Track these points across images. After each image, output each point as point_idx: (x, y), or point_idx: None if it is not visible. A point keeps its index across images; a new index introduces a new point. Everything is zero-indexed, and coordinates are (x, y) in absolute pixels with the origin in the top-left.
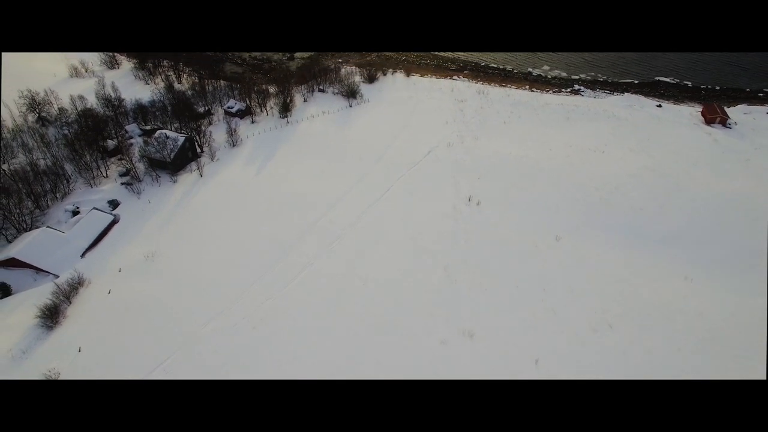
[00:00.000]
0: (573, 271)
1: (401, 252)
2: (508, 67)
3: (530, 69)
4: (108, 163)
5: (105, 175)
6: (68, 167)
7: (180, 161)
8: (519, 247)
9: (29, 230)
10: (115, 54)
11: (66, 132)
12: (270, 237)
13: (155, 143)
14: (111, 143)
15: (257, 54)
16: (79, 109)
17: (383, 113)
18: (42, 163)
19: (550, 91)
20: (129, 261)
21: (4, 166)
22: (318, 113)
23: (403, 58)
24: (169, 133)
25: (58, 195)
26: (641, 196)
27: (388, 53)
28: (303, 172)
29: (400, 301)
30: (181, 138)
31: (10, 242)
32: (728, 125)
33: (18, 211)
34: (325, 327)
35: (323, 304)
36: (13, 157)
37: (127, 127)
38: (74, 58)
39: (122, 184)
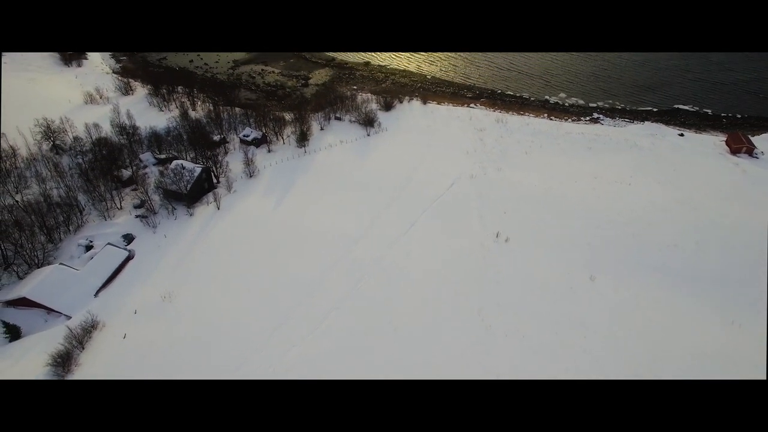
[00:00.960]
0: (612, 316)
1: (431, 294)
2: (525, 95)
3: (547, 96)
4: (122, 193)
5: (119, 206)
6: (82, 198)
7: (196, 192)
8: (553, 288)
9: (41, 266)
10: (130, 80)
11: (80, 161)
12: (292, 276)
13: (171, 174)
14: (125, 173)
15: (271, 80)
16: (94, 137)
17: (402, 142)
18: (55, 193)
19: (570, 120)
20: (145, 302)
21: (17, 197)
22: (336, 142)
23: (419, 85)
24: (185, 163)
25: (71, 228)
26: (675, 232)
27: (403, 80)
28: (323, 204)
29: (433, 350)
30: (198, 169)
31: (22, 279)
32: (755, 155)
33: (30, 245)
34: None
35: (353, 354)
36: (26, 187)
37: (142, 156)
38: (89, 84)
39: (137, 216)
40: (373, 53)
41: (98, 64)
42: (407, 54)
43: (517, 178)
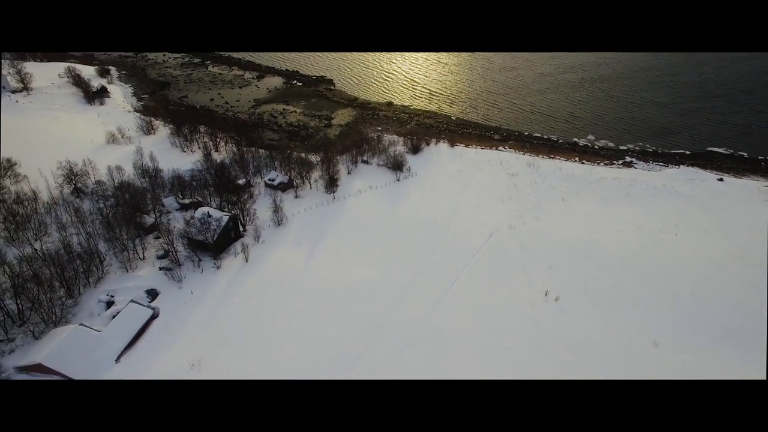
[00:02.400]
0: None
1: (483, 365)
2: (553, 137)
3: (575, 139)
4: (145, 242)
5: (142, 256)
6: (102, 246)
7: (223, 242)
8: (614, 355)
9: (59, 324)
10: (151, 119)
11: (102, 206)
12: (330, 342)
13: (197, 223)
14: (148, 219)
15: (293, 120)
16: (116, 181)
17: (434, 188)
18: (75, 240)
19: (602, 164)
20: (172, 369)
21: (36, 244)
22: (365, 187)
23: (444, 126)
24: (212, 211)
25: (91, 280)
26: (737, 290)
27: (427, 121)
28: (357, 258)
29: None
30: (225, 217)
31: (38, 338)
32: None
33: (49, 301)
34: None
35: None
36: (45, 234)
37: (165, 201)
38: (112, 123)
39: (161, 268)
40: (393, 94)
41: (120, 102)
42: (427, 93)
43: (557, 228)
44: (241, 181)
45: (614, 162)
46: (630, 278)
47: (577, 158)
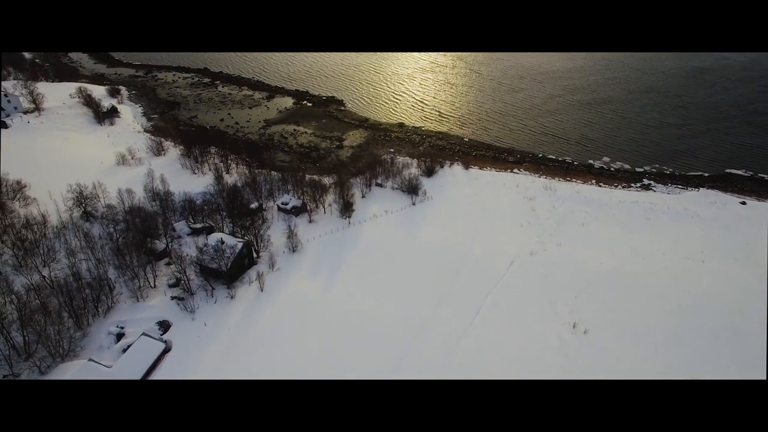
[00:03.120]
0: None
1: None
2: (567, 159)
3: (590, 161)
4: (156, 268)
5: (153, 284)
6: (112, 273)
7: (236, 270)
8: None
9: (66, 357)
10: (161, 140)
11: (112, 230)
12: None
13: (211, 251)
14: (159, 245)
15: (304, 141)
16: (127, 204)
17: (451, 213)
18: (84, 266)
19: (619, 186)
20: None
21: (44, 271)
22: (380, 212)
23: (457, 148)
24: (225, 237)
25: (100, 310)
26: None
27: (440, 142)
28: (376, 288)
29: None
30: (239, 244)
31: (44, 374)
32: None
33: (57, 334)
34: None
35: None
36: (54, 260)
37: (176, 225)
38: (122, 144)
39: (173, 298)
40: (403, 115)
41: (130, 122)
42: (437, 114)
43: (580, 254)
44: (254, 205)
45: (632, 185)
46: (659, 308)
47: (593, 181)
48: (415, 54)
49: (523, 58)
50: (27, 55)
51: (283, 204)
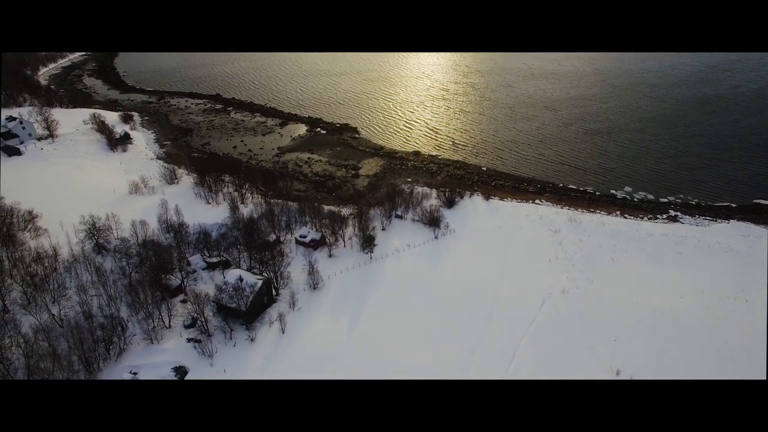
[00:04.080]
0: None
1: None
2: (589, 189)
3: (612, 191)
4: (171, 306)
5: (168, 325)
6: (124, 311)
7: (256, 309)
8: None
9: None
10: (174, 167)
11: (124, 264)
12: None
13: (230, 289)
14: (174, 280)
15: (319, 170)
16: (140, 236)
17: (475, 247)
18: (95, 302)
19: (645, 218)
20: None
21: (54, 309)
22: (402, 246)
23: (476, 178)
24: (244, 274)
25: (112, 352)
26: None
27: (457, 171)
28: (403, 331)
29: None
30: (259, 282)
31: None
32: None
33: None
34: None
35: None
36: (64, 296)
37: (191, 259)
38: (134, 171)
39: (189, 340)
40: (417, 143)
41: (143, 149)
42: (450, 143)
43: (613, 293)
44: (271, 238)
45: (658, 216)
46: (708, 356)
47: (618, 212)
48: (426, 80)
49: (535, 85)
50: (42, 81)
51: (301, 237)
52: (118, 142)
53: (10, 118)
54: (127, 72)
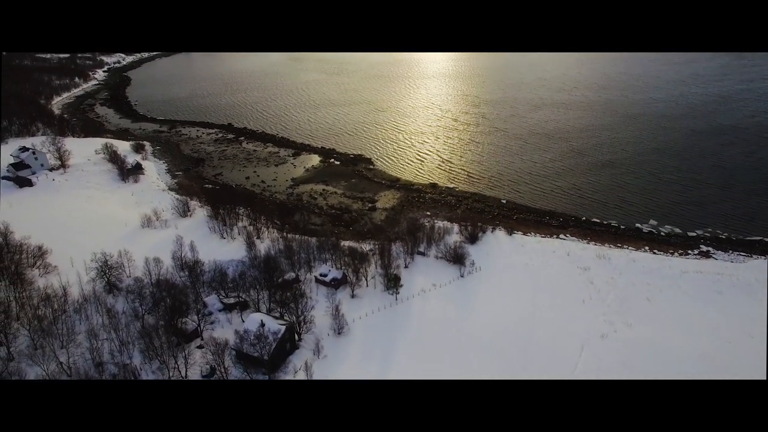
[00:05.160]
0: None
1: None
2: (613, 223)
3: (638, 224)
4: (187, 353)
5: (184, 374)
6: (137, 357)
7: (278, 357)
8: None
9: None
10: (187, 199)
11: (137, 305)
12: None
13: (251, 337)
14: (189, 323)
15: (334, 202)
16: (154, 275)
17: (503, 286)
18: (106, 347)
19: (675, 254)
20: None
21: (62, 355)
22: (428, 285)
23: (496, 211)
24: (266, 319)
25: None
26: None
27: (477, 204)
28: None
29: None
30: (282, 328)
31: None
32: None
33: None
34: None
35: None
36: (73, 342)
37: (207, 300)
38: (146, 203)
39: None
40: (431, 175)
41: (154, 179)
42: (465, 175)
43: (657, 337)
44: (290, 276)
45: (689, 251)
46: None
47: (646, 247)
48: (436, 110)
49: (546, 115)
50: (56, 110)
51: (321, 276)
52: (129, 173)
53: (24, 149)
54: (139, 101)
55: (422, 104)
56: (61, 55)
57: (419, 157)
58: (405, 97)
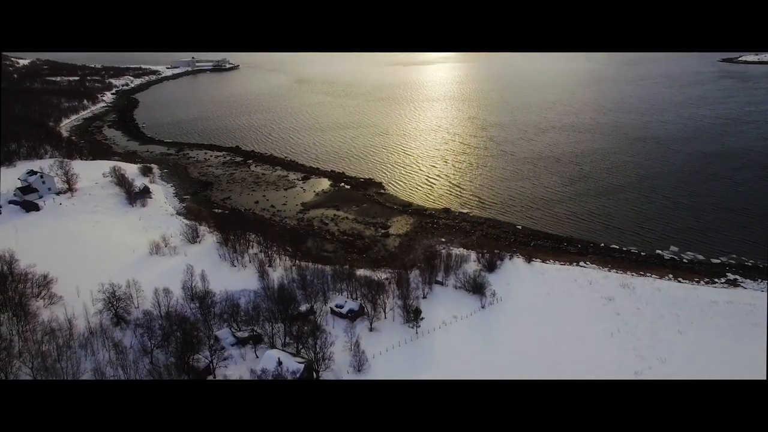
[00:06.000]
0: None
1: None
2: (633, 249)
3: (658, 251)
4: None
5: None
6: None
7: None
8: None
9: None
10: (196, 225)
11: (146, 340)
12: None
13: (269, 377)
14: (202, 360)
15: (346, 228)
16: (163, 306)
17: (527, 319)
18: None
19: (701, 282)
20: None
21: None
22: (448, 318)
23: (512, 238)
24: (282, 356)
25: None
26: None
27: (492, 230)
28: None
29: None
30: (301, 367)
31: None
32: None
33: None
34: None
35: None
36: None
37: (218, 333)
38: (154, 228)
39: None
40: (442, 199)
41: (162, 203)
42: (477, 200)
43: (694, 375)
44: (304, 308)
45: (715, 280)
46: None
47: (670, 275)
48: (444, 133)
49: (555, 138)
50: (64, 132)
51: (337, 307)
52: (137, 196)
53: (32, 172)
54: (147, 123)
55: (429, 127)
56: (71, 78)
57: (429, 182)
58: (412, 120)
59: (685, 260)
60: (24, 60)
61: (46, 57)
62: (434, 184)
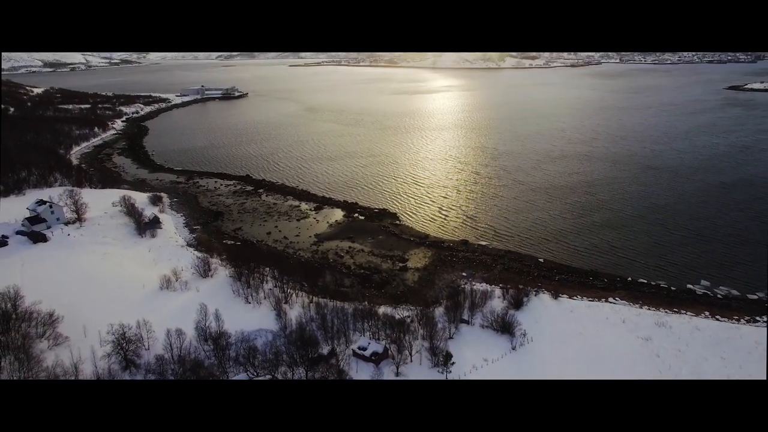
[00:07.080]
0: None
1: None
2: (662, 284)
3: (689, 285)
4: None
5: None
6: None
7: None
8: None
9: None
10: (208, 258)
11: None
12: None
13: None
14: None
15: (362, 261)
16: (176, 349)
17: (561, 361)
18: None
19: (741, 320)
20: None
21: None
22: (479, 361)
23: (535, 272)
24: None
25: None
26: None
27: (514, 264)
28: None
29: None
30: None
31: None
32: None
33: None
34: None
35: None
36: None
37: (236, 379)
38: (164, 260)
39: None
40: (456, 231)
41: (172, 234)
42: (492, 232)
43: None
44: (325, 350)
45: (756, 318)
46: None
47: (706, 312)
48: (455, 162)
49: (568, 167)
50: (74, 160)
51: (360, 349)
52: (146, 227)
53: (41, 202)
54: (156, 151)
55: (440, 156)
56: (83, 106)
57: (443, 213)
58: (421, 149)
59: (719, 296)
60: (38, 89)
61: (59, 85)
62: (449, 214)
